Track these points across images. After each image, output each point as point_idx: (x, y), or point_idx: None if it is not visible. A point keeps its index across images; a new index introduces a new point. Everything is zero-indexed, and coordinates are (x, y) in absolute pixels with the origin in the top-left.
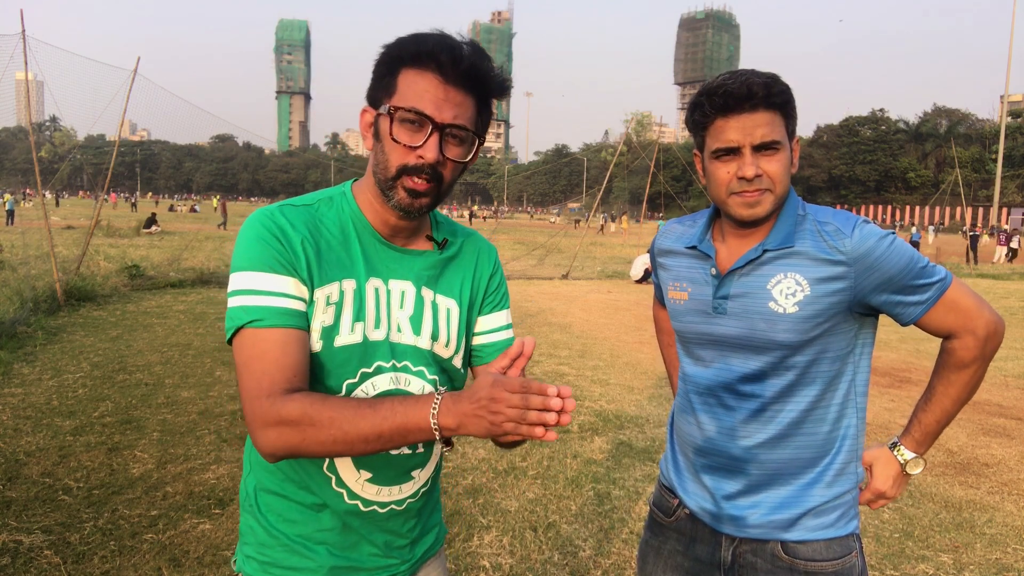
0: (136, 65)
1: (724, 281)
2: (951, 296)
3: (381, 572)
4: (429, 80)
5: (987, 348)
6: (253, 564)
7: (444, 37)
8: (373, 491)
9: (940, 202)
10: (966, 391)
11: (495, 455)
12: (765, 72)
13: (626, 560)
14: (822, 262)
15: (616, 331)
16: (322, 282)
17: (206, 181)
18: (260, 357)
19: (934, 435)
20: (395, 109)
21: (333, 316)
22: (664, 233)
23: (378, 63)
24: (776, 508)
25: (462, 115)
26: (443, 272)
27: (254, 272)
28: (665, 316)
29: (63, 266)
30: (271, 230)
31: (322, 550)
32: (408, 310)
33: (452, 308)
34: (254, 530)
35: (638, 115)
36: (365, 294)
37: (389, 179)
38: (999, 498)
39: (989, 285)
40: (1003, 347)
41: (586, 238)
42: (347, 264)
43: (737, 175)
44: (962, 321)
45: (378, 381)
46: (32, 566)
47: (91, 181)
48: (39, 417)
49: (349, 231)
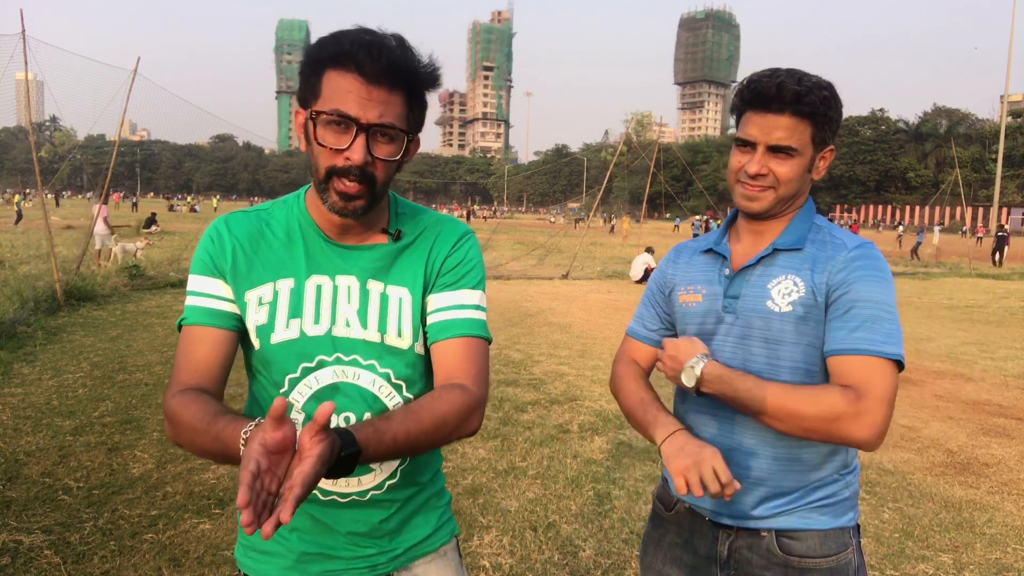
0: (136, 65)
1: (735, 280)
2: (875, 369)
3: (358, 561)
4: (351, 80)
5: (855, 434)
6: (240, 549)
7: (362, 33)
8: (328, 482)
9: (940, 202)
10: (780, 419)
11: (495, 455)
12: (814, 78)
13: (626, 560)
14: (820, 268)
15: (616, 331)
16: (252, 284)
17: (206, 181)
18: (179, 353)
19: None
20: (317, 113)
21: (267, 315)
22: (677, 249)
23: (303, 65)
24: (773, 498)
25: (388, 113)
26: (395, 262)
27: (193, 275)
28: (638, 348)
29: (63, 266)
30: (211, 235)
31: (293, 537)
32: (355, 304)
33: (404, 297)
34: (237, 520)
35: (638, 115)
36: (304, 291)
37: (320, 182)
38: (999, 498)
39: (989, 285)
40: (1003, 347)
41: (586, 238)
42: (286, 264)
43: (745, 168)
44: (862, 398)
45: (321, 375)
46: (32, 566)
47: (91, 181)
48: (39, 417)
49: (294, 232)
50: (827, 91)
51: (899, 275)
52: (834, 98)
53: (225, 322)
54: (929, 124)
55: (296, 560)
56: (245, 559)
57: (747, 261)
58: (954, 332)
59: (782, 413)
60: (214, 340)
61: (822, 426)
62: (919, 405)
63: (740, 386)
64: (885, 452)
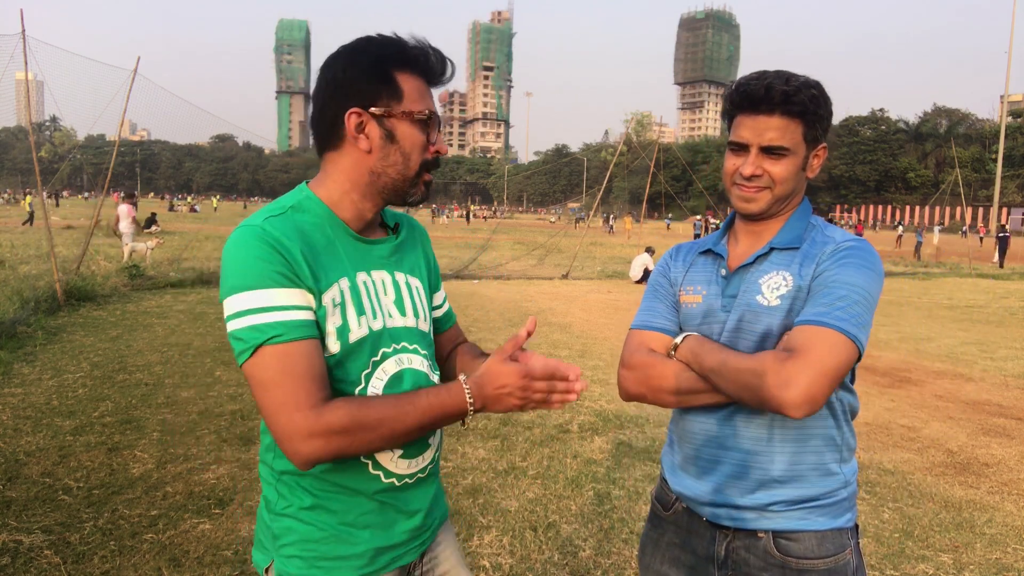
0: (136, 65)
1: (732, 279)
2: (820, 337)
3: (413, 541)
4: (419, 80)
5: (776, 390)
6: (297, 562)
7: (422, 42)
8: (404, 465)
9: (940, 202)
10: (725, 380)
11: (495, 455)
12: (801, 78)
13: (626, 560)
14: (809, 262)
15: (616, 331)
16: (325, 287)
17: (206, 181)
18: (290, 371)
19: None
20: (406, 113)
21: (340, 316)
22: (676, 248)
23: (358, 68)
24: (770, 498)
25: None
26: (403, 254)
27: (261, 290)
28: (654, 337)
29: (63, 266)
30: (271, 244)
31: (366, 534)
32: (391, 295)
33: (419, 286)
34: (294, 529)
35: (638, 115)
36: (359, 289)
37: (411, 177)
38: (999, 498)
39: (989, 285)
40: (1003, 347)
41: (586, 238)
42: (336, 264)
43: (740, 170)
44: (792, 359)
45: (387, 366)
46: (32, 566)
47: (91, 181)
48: (39, 417)
49: (328, 232)
50: (815, 89)
51: (899, 275)
52: (823, 96)
53: (316, 332)
54: (929, 124)
55: (371, 558)
56: (313, 570)
57: (744, 260)
58: (954, 332)
59: (724, 368)
60: (319, 351)
61: (751, 380)
62: (919, 405)
63: (706, 345)
64: (885, 452)
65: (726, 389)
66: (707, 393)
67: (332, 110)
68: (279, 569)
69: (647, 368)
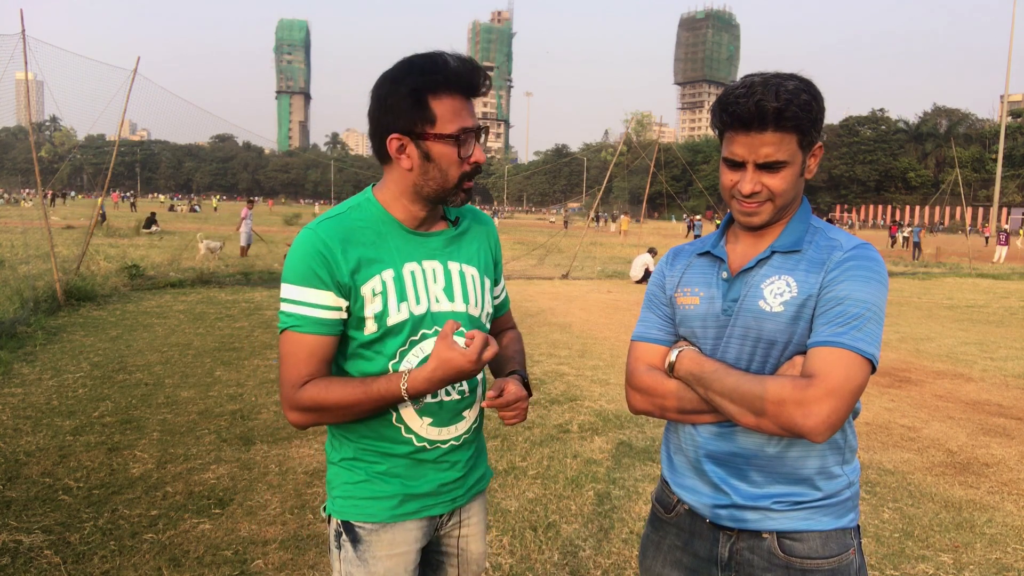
0: (136, 65)
1: (734, 283)
2: (837, 360)
3: (444, 496)
4: (456, 99)
5: (800, 420)
6: (341, 502)
7: (460, 59)
8: (435, 432)
9: (940, 202)
10: (726, 400)
11: (495, 455)
12: (790, 86)
13: (626, 560)
14: (815, 269)
15: (616, 331)
16: (365, 279)
17: (206, 181)
18: (294, 354)
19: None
20: (441, 136)
21: (381, 303)
22: (674, 252)
23: (398, 96)
24: (773, 498)
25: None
26: (460, 244)
27: (298, 286)
28: (652, 351)
29: (63, 266)
30: (317, 247)
31: (396, 483)
32: (440, 283)
33: (475, 274)
34: (340, 475)
35: (638, 115)
36: (404, 279)
37: (450, 188)
38: (999, 498)
39: (989, 285)
40: (1003, 347)
41: (586, 238)
42: (383, 257)
43: (738, 187)
44: (811, 385)
45: (425, 345)
46: (32, 566)
47: (91, 181)
48: (39, 417)
49: (380, 229)
50: (806, 94)
51: (899, 275)
52: (815, 98)
53: (332, 329)
54: (929, 124)
55: (400, 502)
56: (351, 508)
57: (745, 264)
58: (954, 332)
59: (735, 394)
60: (325, 345)
61: (769, 408)
62: (919, 405)
63: (708, 366)
64: (885, 452)
65: (739, 417)
66: (711, 413)
67: (379, 134)
68: (330, 508)
69: (650, 390)
